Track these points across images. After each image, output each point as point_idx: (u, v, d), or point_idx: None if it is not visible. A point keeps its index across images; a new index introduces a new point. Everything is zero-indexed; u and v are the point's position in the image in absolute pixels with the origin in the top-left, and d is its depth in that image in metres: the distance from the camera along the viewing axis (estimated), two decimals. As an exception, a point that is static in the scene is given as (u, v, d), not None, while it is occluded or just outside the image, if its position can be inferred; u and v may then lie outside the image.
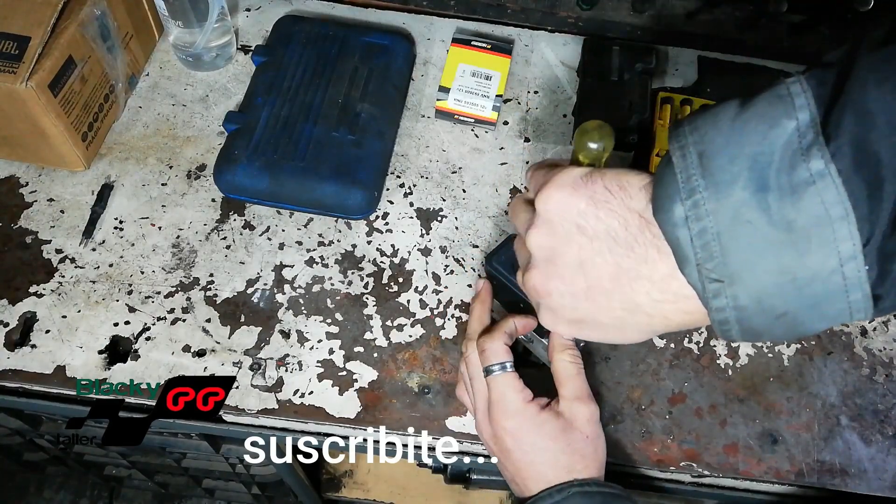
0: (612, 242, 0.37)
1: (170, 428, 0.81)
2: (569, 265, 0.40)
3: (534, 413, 0.51)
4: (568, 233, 0.39)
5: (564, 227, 0.39)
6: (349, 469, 1.23)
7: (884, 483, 0.58)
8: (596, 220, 0.38)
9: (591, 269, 0.39)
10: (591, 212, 0.38)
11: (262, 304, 0.64)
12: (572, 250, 0.39)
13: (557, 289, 0.41)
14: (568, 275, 0.40)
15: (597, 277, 0.39)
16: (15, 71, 0.60)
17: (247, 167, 0.66)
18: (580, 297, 0.40)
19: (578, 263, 0.39)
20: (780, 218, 0.31)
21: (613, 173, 0.38)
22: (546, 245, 0.41)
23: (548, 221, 0.40)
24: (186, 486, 1.22)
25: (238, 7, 0.84)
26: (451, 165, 0.73)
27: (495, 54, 0.77)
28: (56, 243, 0.66)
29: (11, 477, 1.42)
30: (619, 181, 0.38)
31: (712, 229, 0.32)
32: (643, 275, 0.37)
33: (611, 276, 0.38)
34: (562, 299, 0.41)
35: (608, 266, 0.38)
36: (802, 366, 0.63)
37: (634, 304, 0.38)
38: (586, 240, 0.38)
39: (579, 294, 0.40)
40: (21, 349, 0.61)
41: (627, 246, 0.37)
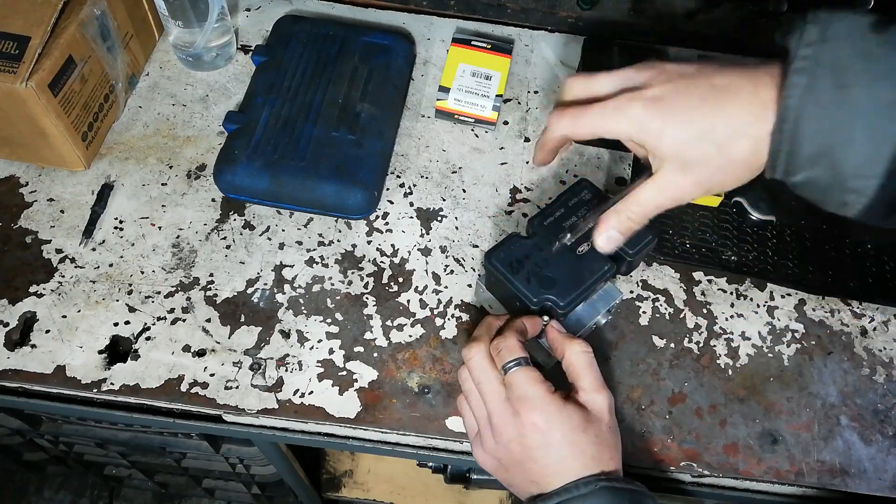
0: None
1: (170, 428, 0.81)
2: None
3: (560, 405, 0.49)
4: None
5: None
6: (349, 469, 1.23)
7: (884, 483, 0.58)
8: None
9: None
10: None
11: (262, 304, 0.64)
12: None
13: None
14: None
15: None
16: (15, 71, 0.60)
17: (247, 167, 0.66)
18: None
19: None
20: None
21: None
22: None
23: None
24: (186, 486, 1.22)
25: (238, 7, 0.84)
26: (451, 165, 0.73)
27: (495, 54, 0.77)
28: (56, 243, 0.66)
29: (11, 477, 1.42)
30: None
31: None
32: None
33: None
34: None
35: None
36: (802, 366, 0.63)
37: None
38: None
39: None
40: (21, 349, 0.61)
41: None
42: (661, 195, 0.48)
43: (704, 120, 0.43)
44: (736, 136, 0.43)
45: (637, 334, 0.64)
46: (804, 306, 0.67)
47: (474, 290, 0.65)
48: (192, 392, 0.60)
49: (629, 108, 0.46)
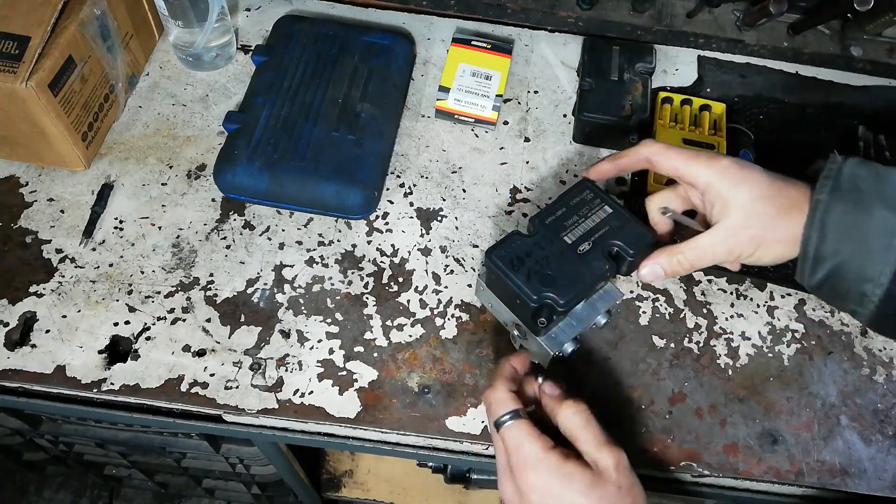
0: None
1: (170, 428, 0.81)
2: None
3: (558, 463, 0.46)
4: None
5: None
6: (349, 469, 1.23)
7: (884, 483, 0.58)
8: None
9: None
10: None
11: (262, 304, 0.64)
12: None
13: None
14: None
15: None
16: (15, 71, 0.60)
17: (247, 167, 0.66)
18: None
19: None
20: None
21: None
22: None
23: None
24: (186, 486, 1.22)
25: (238, 7, 0.84)
26: (451, 165, 0.73)
27: (495, 54, 0.77)
28: (56, 243, 0.66)
29: (11, 477, 1.42)
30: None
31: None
32: None
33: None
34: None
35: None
36: (802, 365, 0.63)
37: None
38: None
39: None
40: (21, 349, 0.61)
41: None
42: (720, 244, 0.52)
43: (772, 187, 0.51)
44: (792, 208, 0.50)
45: (637, 334, 0.64)
46: (804, 306, 0.67)
47: (475, 288, 0.65)
48: (192, 392, 0.60)
49: (720, 158, 0.53)
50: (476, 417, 0.60)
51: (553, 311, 0.53)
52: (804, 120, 0.78)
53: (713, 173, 0.52)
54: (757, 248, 0.51)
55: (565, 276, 0.54)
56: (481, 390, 0.61)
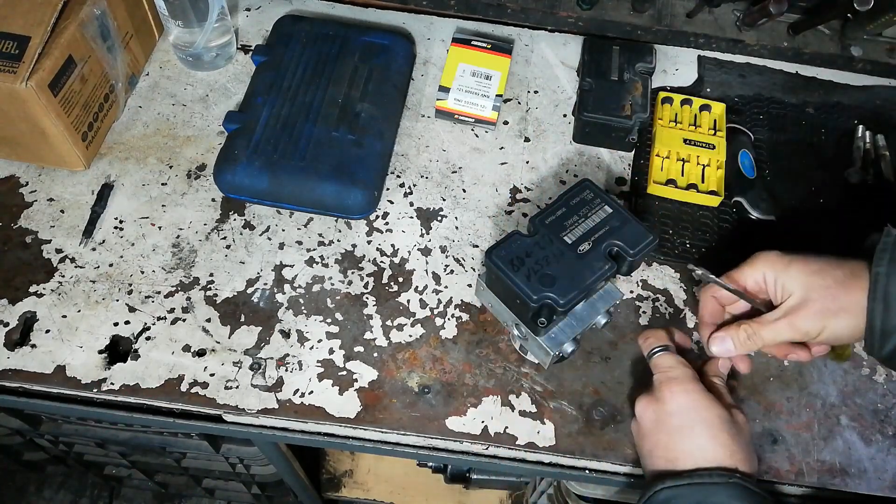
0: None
1: (170, 428, 0.81)
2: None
3: (704, 391, 0.54)
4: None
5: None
6: (349, 469, 1.23)
7: (884, 483, 0.58)
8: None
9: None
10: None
11: (262, 304, 0.64)
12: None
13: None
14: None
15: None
16: (15, 71, 0.60)
17: (247, 167, 0.66)
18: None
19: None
20: None
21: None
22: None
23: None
24: (186, 486, 1.22)
25: (238, 7, 0.84)
26: (451, 165, 0.73)
27: (495, 54, 0.77)
28: (56, 243, 0.66)
29: (11, 477, 1.42)
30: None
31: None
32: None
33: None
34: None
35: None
36: (802, 365, 0.63)
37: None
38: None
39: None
40: (21, 349, 0.61)
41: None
42: (783, 320, 0.53)
43: (825, 262, 0.53)
44: (850, 278, 0.52)
45: (637, 334, 0.64)
46: (804, 306, 0.67)
47: (475, 288, 0.65)
48: (192, 392, 0.60)
49: (759, 254, 0.56)
50: (476, 417, 0.60)
51: (553, 311, 0.53)
52: (804, 120, 0.78)
53: (760, 265, 0.55)
54: (825, 322, 0.52)
55: (565, 276, 0.54)
56: (483, 390, 0.61)
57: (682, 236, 0.68)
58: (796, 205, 0.71)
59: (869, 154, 0.75)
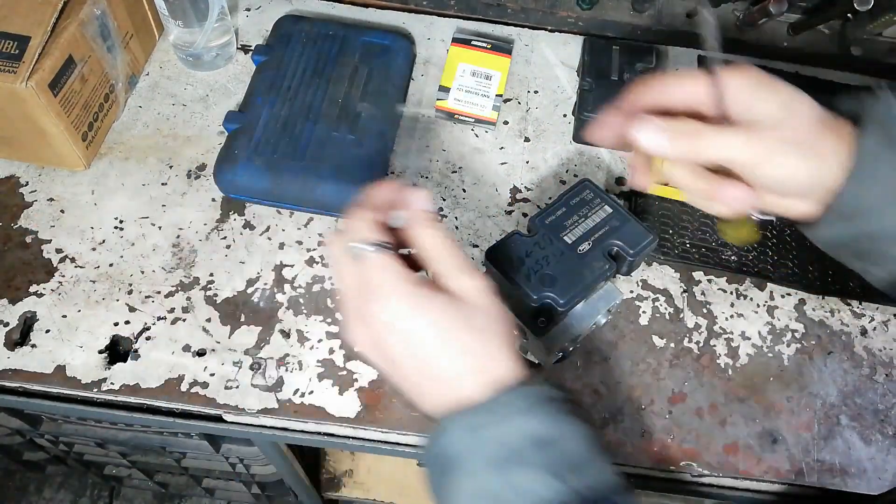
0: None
1: (170, 428, 0.81)
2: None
3: (426, 297, 0.39)
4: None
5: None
6: (349, 469, 1.23)
7: (884, 483, 0.58)
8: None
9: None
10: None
11: (262, 304, 0.64)
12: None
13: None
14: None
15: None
16: (15, 70, 0.60)
17: (247, 167, 0.66)
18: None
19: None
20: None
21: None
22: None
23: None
24: (186, 486, 1.22)
25: (238, 7, 0.84)
26: (451, 165, 0.73)
27: (495, 54, 0.77)
28: (56, 243, 0.66)
29: (11, 477, 1.42)
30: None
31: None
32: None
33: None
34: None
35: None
36: (802, 365, 0.63)
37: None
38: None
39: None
40: (21, 349, 0.61)
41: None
42: (745, 143, 0.41)
43: (813, 102, 0.42)
44: (839, 126, 0.42)
45: (637, 334, 0.64)
46: (804, 306, 0.67)
47: None
48: (192, 392, 0.60)
49: (738, 68, 0.43)
50: (476, 417, 0.60)
51: (553, 311, 0.53)
52: (804, 120, 0.78)
53: (742, 74, 0.42)
54: (788, 156, 0.40)
55: (565, 276, 0.54)
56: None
57: (682, 236, 0.68)
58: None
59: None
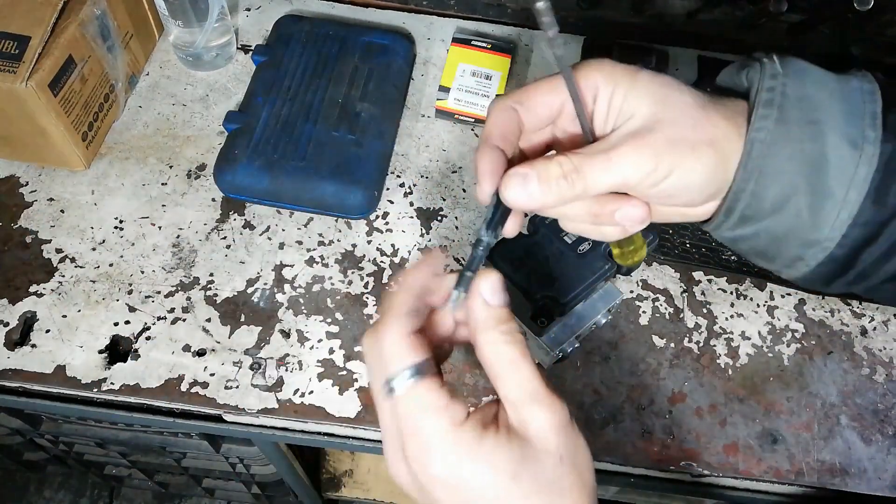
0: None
1: (170, 428, 0.81)
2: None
3: (471, 442, 0.31)
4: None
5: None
6: (349, 469, 1.23)
7: (884, 483, 0.58)
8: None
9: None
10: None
11: (262, 304, 0.64)
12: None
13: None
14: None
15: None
16: (15, 70, 0.60)
17: (247, 167, 0.66)
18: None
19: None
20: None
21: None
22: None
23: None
24: (186, 486, 1.22)
25: (238, 7, 0.84)
26: (451, 165, 0.73)
27: (495, 54, 0.77)
28: (56, 243, 0.66)
29: (11, 476, 1.42)
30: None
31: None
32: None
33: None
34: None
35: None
36: (802, 365, 0.63)
37: None
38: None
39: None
40: (21, 349, 0.61)
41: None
42: (629, 161, 0.34)
43: (684, 86, 0.36)
44: (720, 106, 0.35)
45: (637, 334, 0.64)
46: (804, 306, 0.67)
47: None
48: (192, 392, 0.60)
49: (592, 62, 0.38)
50: (476, 417, 0.60)
51: (553, 311, 0.53)
52: (804, 120, 0.78)
53: (593, 74, 0.36)
54: (677, 157, 0.33)
55: (565, 276, 0.54)
56: (483, 390, 0.60)
57: (682, 236, 0.68)
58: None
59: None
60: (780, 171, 0.34)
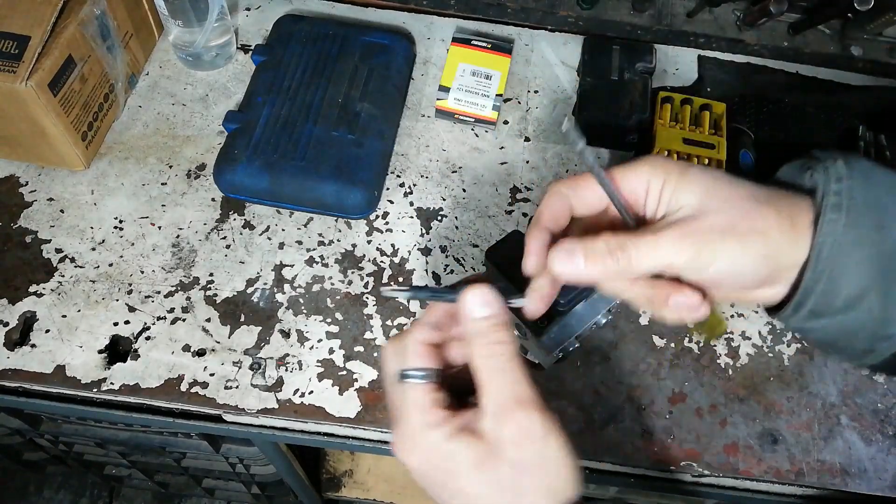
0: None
1: (170, 427, 0.81)
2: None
3: (437, 442, 0.36)
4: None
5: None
6: (349, 469, 1.23)
7: (884, 483, 0.58)
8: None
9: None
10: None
11: (262, 304, 0.64)
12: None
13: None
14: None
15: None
16: (15, 70, 0.60)
17: (247, 167, 0.66)
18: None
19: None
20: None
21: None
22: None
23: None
24: (186, 486, 1.22)
25: (238, 6, 0.84)
26: (451, 165, 0.73)
27: (495, 53, 0.77)
28: (56, 243, 0.66)
29: (11, 477, 1.42)
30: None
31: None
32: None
33: None
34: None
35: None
36: (802, 365, 0.63)
37: None
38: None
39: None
40: (21, 349, 0.61)
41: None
42: (674, 245, 0.36)
43: (739, 180, 0.38)
44: (777, 199, 0.37)
45: (637, 334, 0.64)
46: (804, 306, 0.67)
47: None
48: (192, 392, 0.60)
49: (645, 159, 0.39)
50: (476, 417, 0.60)
51: (553, 311, 0.53)
52: (804, 120, 0.78)
53: (646, 169, 0.38)
54: (726, 244, 0.35)
55: (565, 275, 0.53)
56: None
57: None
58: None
59: (870, 153, 0.75)
60: (851, 273, 0.36)
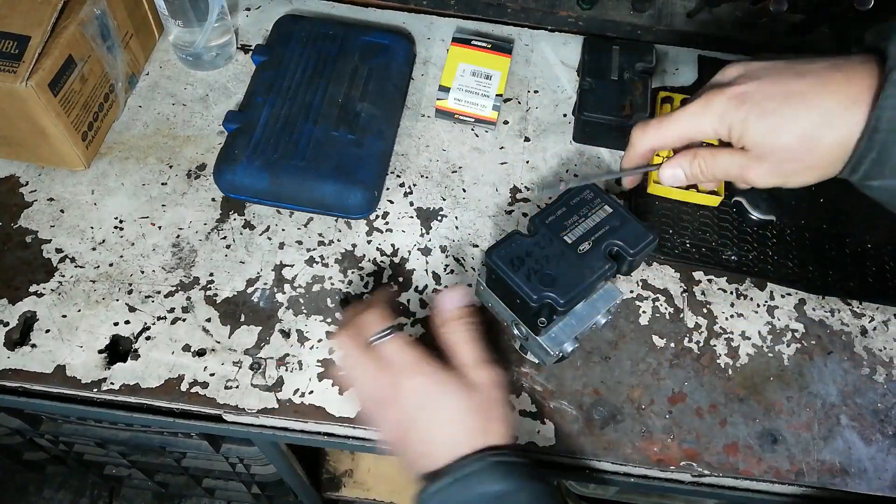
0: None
1: (170, 427, 0.81)
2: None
3: (435, 368, 0.48)
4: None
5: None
6: (349, 469, 1.23)
7: (884, 483, 0.58)
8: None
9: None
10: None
11: (262, 304, 0.64)
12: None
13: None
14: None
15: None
16: (15, 70, 0.60)
17: (247, 167, 0.66)
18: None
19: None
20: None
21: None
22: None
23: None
24: (186, 486, 1.22)
25: (238, 6, 0.84)
26: (451, 165, 0.73)
27: (495, 53, 0.77)
28: (56, 243, 0.66)
29: (11, 477, 1.42)
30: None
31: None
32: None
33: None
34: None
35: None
36: (802, 365, 0.63)
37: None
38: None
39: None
40: (21, 349, 0.61)
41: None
42: (736, 169, 0.47)
43: (789, 109, 0.43)
44: (820, 128, 0.42)
45: (637, 334, 0.64)
46: (804, 306, 0.67)
47: (475, 288, 0.65)
48: (192, 392, 0.60)
49: (713, 102, 0.46)
50: (476, 417, 0.60)
51: (553, 311, 0.53)
52: (804, 120, 0.78)
53: (712, 123, 0.47)
54: (784, 182, 0.45)
55: (565, 275, 0.54)
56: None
57: (682, 236, 0.68)
58: (796, 204, 0.71)
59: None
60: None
